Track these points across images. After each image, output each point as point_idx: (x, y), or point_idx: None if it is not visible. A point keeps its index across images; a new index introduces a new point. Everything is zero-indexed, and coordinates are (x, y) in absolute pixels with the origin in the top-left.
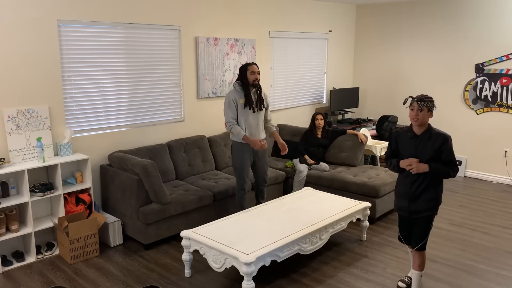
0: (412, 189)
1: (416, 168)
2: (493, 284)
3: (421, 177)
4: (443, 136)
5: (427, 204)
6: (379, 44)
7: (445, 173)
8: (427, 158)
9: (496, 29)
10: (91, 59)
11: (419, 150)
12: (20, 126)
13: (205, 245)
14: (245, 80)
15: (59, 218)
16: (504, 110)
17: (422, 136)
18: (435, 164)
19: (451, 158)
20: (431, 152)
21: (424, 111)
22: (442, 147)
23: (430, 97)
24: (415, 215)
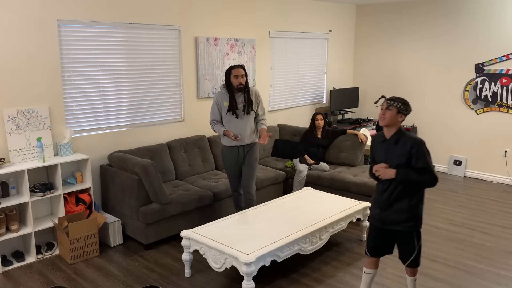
0: (384, 197)
1: (382, 173)
2: (493, 284)
3: (392, 184)
4: (412, 140)
5: (400, 216)
6: (379, 44)
7: (417, 182)
8: (395, 164)
9: (496, 29)
10: (91, 59)
11: (388, 155)
12: (20, 126)
13: (205, 245)
14: (229, 84)
15: (59, 218)
16: (504, 110)
17: (390, 140)
18: (404, 170)
19: (424, 165)
20: (399, 157)
21: (392, 111)
22: (410, 151)
23: (403, 99)
24: (387, 225)
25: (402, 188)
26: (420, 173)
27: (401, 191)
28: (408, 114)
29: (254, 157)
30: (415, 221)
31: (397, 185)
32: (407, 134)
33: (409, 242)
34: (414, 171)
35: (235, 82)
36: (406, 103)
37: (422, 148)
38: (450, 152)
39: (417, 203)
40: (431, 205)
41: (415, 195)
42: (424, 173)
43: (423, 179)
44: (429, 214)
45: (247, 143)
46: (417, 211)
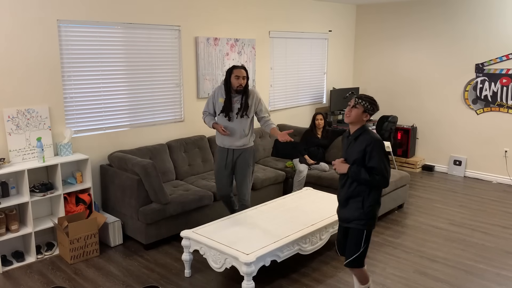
0: (341, 194)
1: (337, 167)
2: (493, 284)
3: (348, 181)
4: (369, 138)
5: (354, 213)
6: (379, 44)
7: (366, 181)
8: (352, 160)
9: (496, 29)
10: (91, 59)
11: (348, 151)
12: (20, 126)
13: (205, 245)
14: (228, 84)
15: (59, 218)
16: (504, 110)
17: (352, 136)
18: (356, 168)
19: (375, 165)
20: (356, 154)
21: (358, 109)
22: (365, 149)
23: (371, 99)
24: (345, 223)
25: (357, 185)
26: (371, 173)
27: (356, 188)
28: (373, 113)
29: (246, 163)
30: (367, 220)
31: (352, 182)
32: (368, 132)
33: (356, 240)
34: (366, 170)
35: (235, 83)
36: (373, 103)
37: (376, 148)
38: (450, 152)
39: (371, 202)
40: (431, 205)
41: (370, 194)
42: (375, 173)
43: (372, 179)
44: (429, 214)
45: (237, 146)
46: (371, 210)
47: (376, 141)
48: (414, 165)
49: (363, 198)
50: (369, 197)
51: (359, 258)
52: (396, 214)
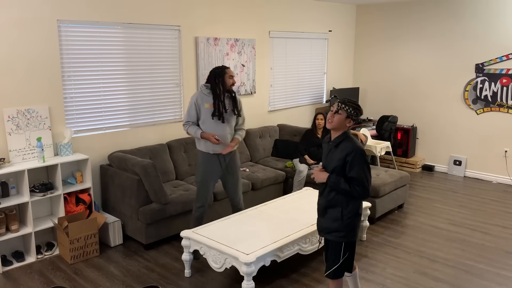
0: (320, 202)
1: (316, 176)
2: (493, 284)
3: (326, 189)
4: (350, 147)
5: (332, 224)
6: (379, 44)
7: (346, 192)
8: (332, 168)
9: (496, 29)
10: (91, 59)
11: (328, 159)
12: (20, 126)
13: (205, 245)
14: (221, 85)
15: (59, 218)
16: (504, 110)
17: (333, 142)
18: (335, 177)
19: (356, 175)
20: (335, 162)
21: (341, 115)
22: (346, 158)
23: (355, 103)
24: (323, 233)
25: (335, 194)
26: (351, 183)
27: (334, 197)
28: (357, 119)
29: (237, 165)
30: (347, 232)
31: (330, 190)
32: (350, 139)
33: (334, 251)
34: (345, 180)
35: (230, 82)
36: (357, 108)
37: (357, 157)
38: (450, 152)
39: (351, 213)
40: (431, 205)
41: (350, 203)
42: (355, 184)
43: (352, 190)
44: (429, 214)
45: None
46: (350, 221)
47: (357, 149)
48: (414, 165)
49: (342, 208)
50: (348, 207)
51: (339, 269)
52: (396, 214)
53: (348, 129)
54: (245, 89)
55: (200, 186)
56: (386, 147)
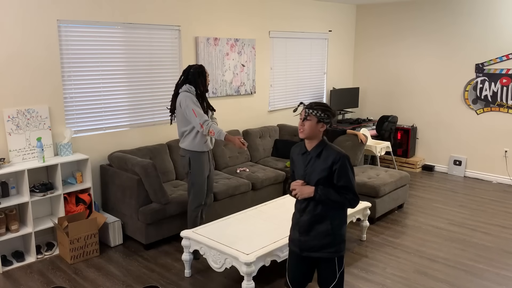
0: (303, 218)
1: (299, 192)
2: (493, 284)
3: (311, 203)
4: (335, 154)
5: (322, 241)
6: (379, 44)
7: (337, 202)
8: (315, 179)
9: (496, 29)
10: (91, 59)
11: (308, 170)
12: (20, 126)
13: (205, 245)
14: (201, 86)
15: (59, 218)
16: (504, 110)
17: (312, 152)
18: (323, 189)
19: (347, 183)
20: (320, 172)
21: (312, 121)
22: (333, 167)
23: (324, 105)
24: (307, 252)
25: (323, 207)
26: (341, 192)
27: (321, 211)
28: (330, 121)
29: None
30: (338, 246)
31: (316, 204)
32: (331, 146)
33: (329, 269)
34: (335, 190)
35: (208, 83)
36: (327, 110)
37: (345, 164)
38: (450, 152)
39: (340, 225)
40: (431, 205)
41: (337, 215)
42: (343, 192)
43: (344, 199)
44: (429, 214)
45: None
46: (340, 234)
47: (344, 156)
48: (414, 165)
49: (331, 221)
50: (336, 219)
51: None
52: (396, 214)
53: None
54: (245, 89)
55: (201, 186)
56: (386, 147)
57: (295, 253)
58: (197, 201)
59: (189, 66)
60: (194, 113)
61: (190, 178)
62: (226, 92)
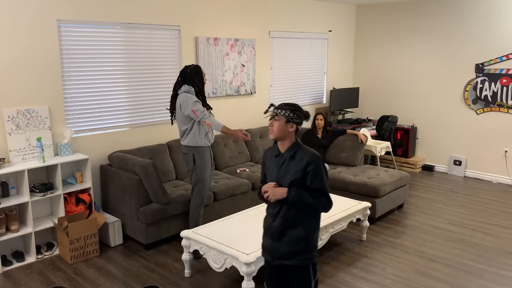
0: (275, 223)
1: (271, 194)
2: (493, 284)
3: (284, 207)
4: (310, 155)
5: (295, 246)
6: (379, 44)
7: (311, 205)
8: (288, 182)
9: (496, 29)
10: (91, 59)
11: (281, 173)
12: (20, 126)
13: (205, 245)
14: (200, 85)
15: (59, 218)
16: (504, 110)
17: (285, 154)
18: (296, 190)
19: (320, 186)
20: (294, 174)
21: (280, 121)
22: (307, 168)
23: (292, 105)
24: (279, 260)
25: (296, 211)
26: (315, 195)
27: (295, 215)
28: (300, 122)
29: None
30: (311, 252)
31: (290, 208)
32: (304, 148)
33: (304, 277)
34: (308, 192)
35: (205, 80)
36: (296, 109)
37: (320, 166)
38: (450, 152)
39: (313, 231)
40: (431, 205)
41: (311, 220)
42: (317, 195)
43: (317, 202)
44: (429, 214)
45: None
46: (313, 240)
47: (318, 158)
48: (414, 165)
49: (304, 226)
50: (310, 224)
51: None
52: (396, 214)
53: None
54: (245, 89)
55: (206, 182)
56: (386, 147)
57: (267, 262)
58: (200, 198)
59: (186, 66)
60: (195, 114)
61: (195, 175)
62: (226, 92)
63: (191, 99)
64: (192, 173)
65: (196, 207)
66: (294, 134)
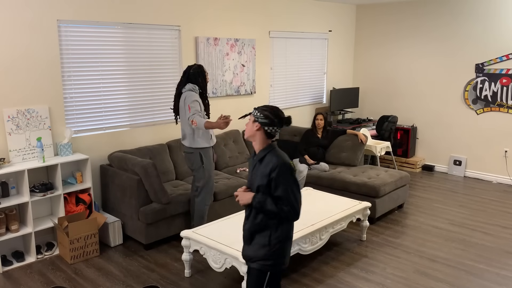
0: (246, 227)
1: (240, 198)
2: (493, 284)
3: (253, 212)
4: (275, 161)
5: (259, 251)
6: (379, 44)
7: (273, 213)
8: (256, 186)
9: (496, 29)
10: (91, 59)
11: (252, 176)
12: (20, 126)
13: (205, 245)
14: (203, 84)
15: (59, 218)
16: (504, 110)
17: (257, 156)
18: (260, 197)
19: (283, 193)
20: (261, 179)
21: (251, 120)
22: (270, 175)
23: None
24: (248, 262)
25: (263, 217)
26: (278, 203)
27: (262, 221)
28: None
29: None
30: (275, 259)
31: (256, 213)
32: (275, 152)
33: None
34: (272, 199)
35: (207, 81)
36: (265, 110)
37: (282, 174)
38: (450, 152)
39: (278, 239)
40: (431, 205)
41: (279, 227)
42: (282, 204)
43: (280, 211)
44: (429, 214)
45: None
46: (279, 247)
47: (282, 164)
48: (414, 165)
49: (271, 232)
50: (277, 231)
51: None
52: (396, 214)
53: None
54: (245, 89)
55: (211, 179)
56: (386, 147)
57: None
58: (210, 196)
59: (189, 66)
60: (189, 109)
61: (202, 174)
62: (226, 92)
63: (193, 97)
64: (198, 172)
65: (205, 205)
66: (265, 136)
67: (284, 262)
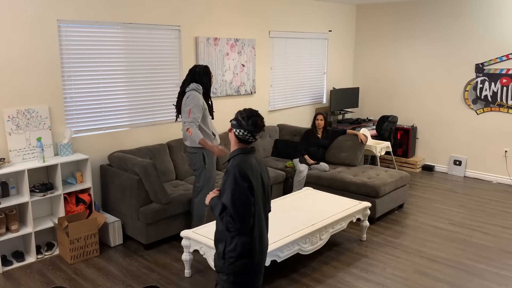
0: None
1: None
2: (493, 284)
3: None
4: (229, 166)
5: (217, 262)
6: (379, 44)
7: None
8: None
9: (496, 29)
10: (91, 59)
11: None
12: (20, 126)
13: (205, 245)
14: (207, 85)
15: (59, 218)
16: (504, 110)
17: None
18: (216, 200)
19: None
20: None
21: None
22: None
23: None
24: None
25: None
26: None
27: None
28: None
29: None
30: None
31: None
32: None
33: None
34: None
35: (211, 82)
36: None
37: (228, 179)
38: (450, 152)
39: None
40: (431, 205)
41: (234, 239)
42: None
43: (221, 219)
44: (429, 214)
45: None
46: (233, 263)
47: (231, 170)
48: (414, 165)
49: (225, 244)
50: (231, 244)
51: None
52: (396, 214)
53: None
54: (245, 89)
55: (212, 180)
56: (386, 147)
57: None
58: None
59: (195, 65)
60: (188, 114)
61: (205, 174)
62: (226, 92)
63: (195, 100)
64: (200, 172)
65: (203, 206)
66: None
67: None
